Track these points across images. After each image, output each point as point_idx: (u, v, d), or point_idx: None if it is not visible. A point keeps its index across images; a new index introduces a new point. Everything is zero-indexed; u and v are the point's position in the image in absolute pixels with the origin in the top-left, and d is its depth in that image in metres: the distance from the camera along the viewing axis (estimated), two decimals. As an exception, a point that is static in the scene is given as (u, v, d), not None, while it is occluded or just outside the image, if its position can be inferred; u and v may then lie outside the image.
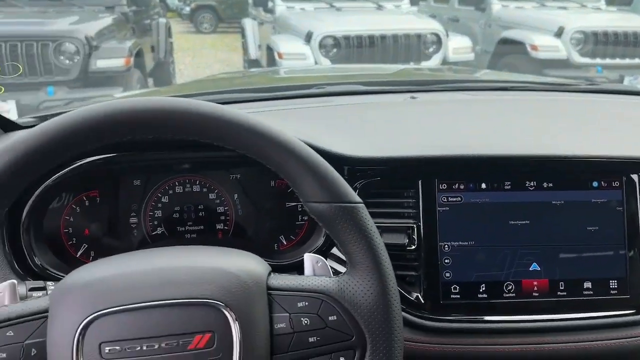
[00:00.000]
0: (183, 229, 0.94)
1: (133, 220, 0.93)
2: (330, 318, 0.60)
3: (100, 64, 4.15)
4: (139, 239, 0.93)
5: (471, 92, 1.41)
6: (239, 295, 0.58)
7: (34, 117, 1.24)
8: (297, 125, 0.64)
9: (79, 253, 0.91)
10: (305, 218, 0.98)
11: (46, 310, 0.57)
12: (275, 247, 0.97)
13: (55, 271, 0.85)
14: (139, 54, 4.62)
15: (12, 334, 0.56)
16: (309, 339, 0.60)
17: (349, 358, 0.60)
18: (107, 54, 4.25)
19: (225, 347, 0.56)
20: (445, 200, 0.88)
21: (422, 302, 0.86)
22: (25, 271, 0.84)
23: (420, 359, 0.86)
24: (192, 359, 0.56)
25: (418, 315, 0.86)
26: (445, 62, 4.77)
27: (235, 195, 0.96)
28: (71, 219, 0.91)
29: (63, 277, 0.83)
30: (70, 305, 0.57)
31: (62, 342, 0.55)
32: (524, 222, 0.87)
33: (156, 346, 0.55)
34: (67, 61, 3.94)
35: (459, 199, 0.88)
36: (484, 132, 1.03)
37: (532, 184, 0.88)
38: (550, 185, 0.88)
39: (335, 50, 4.63)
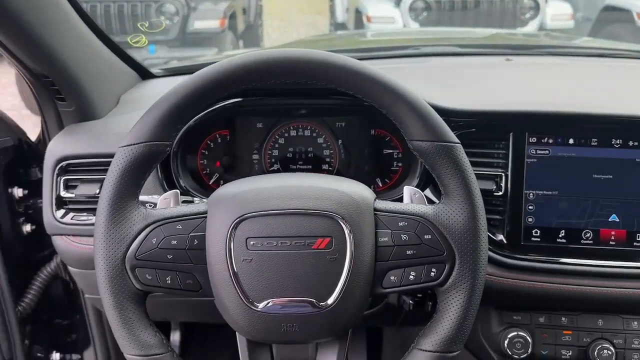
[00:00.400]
0: (295, 167, 1.10)
1: (255, 156, 1.09)
2: (425, 236, 0.73)
3: (198, 24, 4.40)
4: (259, 173, 1.09)
5: (568, 57, 1.43)
6: (352, 212, 0.72)
7: (161, 70, 1.46)
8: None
9: (211, 181, 1.10)
10: (400, 164, 1.10)
11: (205, 212, 0.74)
12: (372, 188, 1.10)
13: (194, 192, 1.04)
14: (232, 16, 4.81)
15: (180, 227, 0.73)
16: (407, 251, 0.73)
17: (439, 270, 0.73)
18: (204, 15, 4.49)
19: (340, 250, 0.71)
20: (534, 152, 0.96)
21: (505, 242, 0.97)
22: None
23: (497, 292, 0.97)
24: (314, 256, 0.71)
25: (500, 253, 0.96)
26: (542, 28, 4.57)
27: (340, 141, 1.09)
28: (206, 152, 1.09)
29: (201, 197, 1.02)
30: (224, 208, 0.73)
31: (218, 235, 0.72)
32: (607, 176, 0.94)
33: (288, 243, 0.71)
34: (167, 21, 4.22)
35: (547, 152, 0.96)
36: (577, 91, 1.09)
37: (618, 141, 0.94)
38: (636, 143, 0.93)
39: (425, 13, 4.57)
